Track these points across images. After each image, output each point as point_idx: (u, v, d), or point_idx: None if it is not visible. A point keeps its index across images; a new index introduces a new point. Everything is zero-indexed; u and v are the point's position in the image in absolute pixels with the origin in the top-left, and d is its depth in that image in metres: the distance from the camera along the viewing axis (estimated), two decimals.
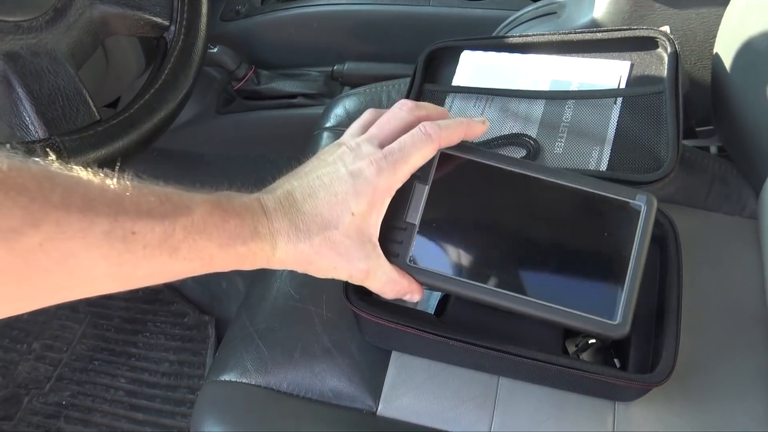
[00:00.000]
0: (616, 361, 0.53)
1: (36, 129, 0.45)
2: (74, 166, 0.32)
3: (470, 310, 0.53)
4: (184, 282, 1.10)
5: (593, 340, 0.53)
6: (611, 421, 0.51)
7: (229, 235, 0.36)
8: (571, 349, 0.53)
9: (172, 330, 1.06)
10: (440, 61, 0.66)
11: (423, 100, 0.62)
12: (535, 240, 0.46)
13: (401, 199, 0.43)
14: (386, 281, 0.43)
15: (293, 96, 0.95)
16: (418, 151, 0.41)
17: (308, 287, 0.59)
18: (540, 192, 0.46)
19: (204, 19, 0.55)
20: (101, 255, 0.30)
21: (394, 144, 0.41)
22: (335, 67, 0.92)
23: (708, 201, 0.63)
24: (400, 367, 0.54)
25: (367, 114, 0.45)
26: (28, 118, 0.45)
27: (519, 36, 0.63)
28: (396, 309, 0.52)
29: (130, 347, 1.04)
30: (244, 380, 0.55)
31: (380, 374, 0.54)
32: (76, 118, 0.47)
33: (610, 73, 0.60)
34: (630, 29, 0.60)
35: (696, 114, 0.67)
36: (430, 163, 0.44)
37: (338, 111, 0.75)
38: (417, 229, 0.44)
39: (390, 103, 0.73)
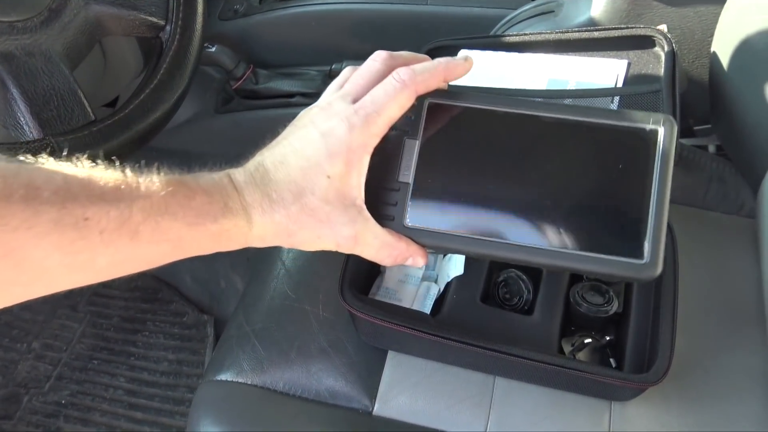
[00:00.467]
0: (612, 360, 0.53)
1: (30, 129, 0.45)
2: (19, 157, 0.30)
3: (466, 309, 0.53)
4: (183, 281, 1.10)
5: (589, 340, 0.53)
6: (607, 420, 0.51)
7: (197, 213, 0.34)
8: (567, 348, 0.53)
9: (171, 329, 1.06)
10: None
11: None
12: (544, 184, 0.40)
13: (392, 157, 0.40)
14: (380, 246, 0.39)
15: (291, 95, 0.95)
16: (393, 100, 0.37)
17: (305, 287, 0.59)
18: (543, 131, 0.41)
19: (200, 19, 0.55)
20: (52, 245, 0.29)
21: (366, 97, 0.38)
22: (333, 67, 0.92)
23: (706, 200, 0.63)
24: (396, 367, 0.54)
25: (345, 72, 0.42)
26: (22, 119, 0.45)
27: (516, 35, 0.63)
28: (392, 309, 0.52)
29: (130, 346, 1.04)
30: (240, 380, 0.55)
31: (376, 374, 0.54)
32: (71, 118, 0.47)
33: (607, 71, 0.60)
34: (627, 28, 0.60)
35: (694, 113, 0.66)
36: (418, 116, 0.41)
37: None
38: (411, 188, 0.40)
39: None
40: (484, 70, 0.63)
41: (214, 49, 0.93)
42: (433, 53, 0.65)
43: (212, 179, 0.36)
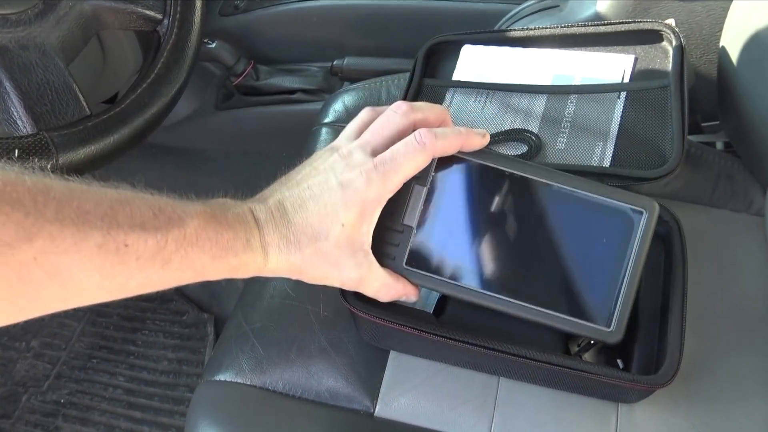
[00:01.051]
0: (619, 361, 0.51)
1: (24, 124, 0.44)
2: (69, 177, 0.32)
3: (470, 309, 0.52)
4: None
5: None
6: (614, 422, 0.50)
7: (222, 248, 0.36)
8: (573, 349, 0.52)
9: (171, 328, 1.05)
10: (440, 56, 0.65)
11: (422, 95, 0.61)
12: (533, 244, 0.46)
13: (398, 200, 0.43)
14: (380, 287, 0.44)
15: (292, 91, 0.94)
16: (411, 161, 0.40)
17: (305, 286, 0.58)
18: (539, 195, 0.46)
19: (198, 13, 0.54)
20: (94, 267, 0.31)
21: (386, 153, 0.40)
22: (335, 62, 0.91)
23: (714, 198, 0.62)
24: (398, 367, 0.53)
25: (364, 114, 0.45)
26: (16, 113, 0.44)
27: (520, 30, 0.62)
28: (394, 308, 0.51)
29: (129, 345, 1.04)
30: (239, 380, 0.54)
31: (378, 374, 0.53)
32: (66, 112, 0.46)
33: (613, 67, 0.59)
34: (634, 22, 0.59)
35: (701, 109, 0.65)
36: (429, 165, 0.43)
37: (337, 107, 0.74)
38: (414, 232, 0.44)
39: (389, 99, 0.72)
40: (489, 65, 0.62)
41: (214, 45, 0.92)
42: (437, 48, 0.64)
43: (237, 214, 0.38)
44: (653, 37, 0.59)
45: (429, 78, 0.63)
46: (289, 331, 0.56)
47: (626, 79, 0.58)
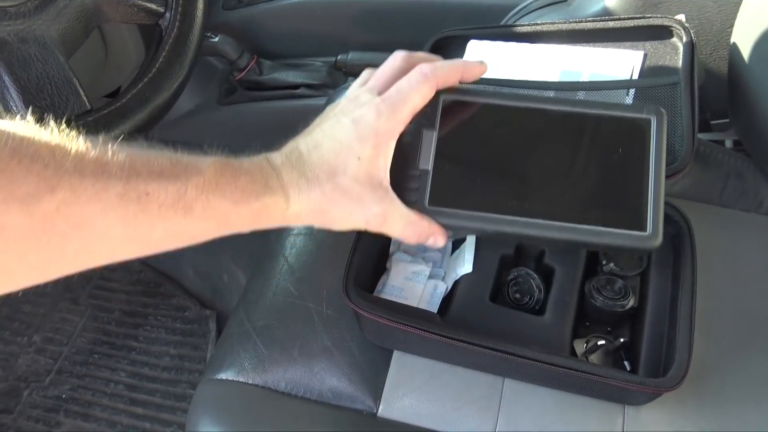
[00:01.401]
0: (626, 363, 0.51)
1: (23, 119, 0.43)
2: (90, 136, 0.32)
3: (475, 309, 0.51)
4: (185, 275, 1.09)
5: (603, 341, 0.51)
6: (621, 424, 0.49)
7: (242, 192, 0.37)
8: (580, 349, 0.51)
9: (173, 324, 1.04)
10: (446, 51, 0.63)
11: None
12: (552, 167, 0.45)
13: (411, 148, 0.44)
14: (405, 224, 0.43)
15: (296, 86, 0.93)
16: (416, 91, 0.41)
17: (308, 284, 0.58)
18: (548, 123, 0.46)
19: (201, 6, 0.53)
20: (117, 218, 0.31)
21: (392, 89, 0.42)
22: (339, 57, 0.90)
23: (723, 197, 0.61)
24: (401, 367, 0.52)
25: (365, 73, 0.46)
26: (15, 108, 0.43)
27: (528, 24, 0.61)
28: (398, 308, 0.50)
29: (131, 341, 1.03)
30: (241, 379, 0.54)
31: (381, 374, 0.52)
32: (66, 107, 0.45)
33: (622, 63, 0.58)
34: (644, 17, 0.57)
35: (711, 106, 0.64)
36: (434, 109, 0.44)
37: None
38: (431, 173, 0.44)
39: None
40: (495, 60, 0.61)
41: (217, 39, 0.91)
42: (442, 43, 0.63)
43: (252, 161, 0.39)
44: (663, 33, 0.58)
45: None
46: (292, 330, 0.55)
47: (635, 76, 0.57)
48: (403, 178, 0.44)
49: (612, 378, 0.45)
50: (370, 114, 0.40)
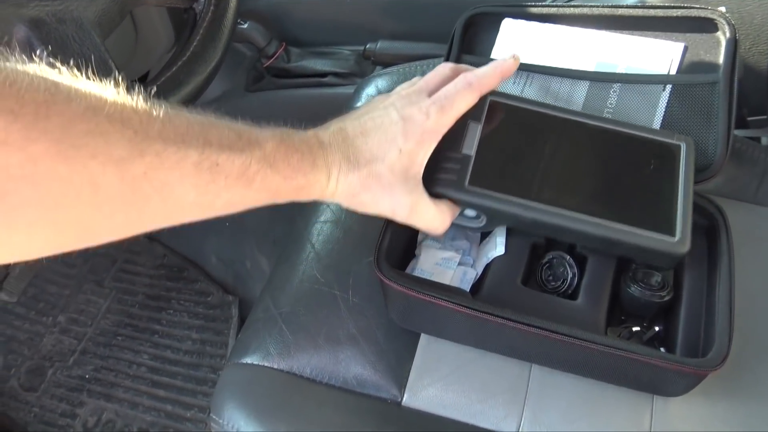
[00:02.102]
0: (662, 350, 0.50)
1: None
2: (165, 103, 0.34)
3: (506, 291, 0.51)
4: (208, 260, 1.09)
5: (637, 328, 0.50)
6: (648, 417, 0.49)
7: (293, 168, 0.39)
8: (613, 338, 0.50)
9: (195, 308, 1.05)
10: (479, 29, 0.61)
11: None
12: (587, 170, 0.48)
13: (455, 136, 0.46)
14: (433, 216, 0.45)
15: (324, 75, 0.93)
16: (462, 98, 0.44)
17: (334, 271, 0.57)
18: (585, 132, 0.49)
19: None
20: (191, 184, 0.33)
21: (440, 92, 0.45)
22: (367, 46, 0.89)
23: (758, 194, 0.60)
24: (427, 357, 0.52)
25: (415, 78, 0.49)
26: None
27: (566, 6, 0.59)
28: (428, 283, 0.49)
29: (154, 324, 1.04)
30: (266, 364, 0.54)
31: (406, 363, 0.52)
32: None
33: (661, 55, 0.56)
34: (687, 8, 0.56)
35: (749, 102, 0.63)
36: (482, 105, 0.48)
37: (370, 91, 0.72)
38: (474, 158, 0.46)
39: None
40: (530, 42, 0.59)
41: (246, 26, 0.91)
42: (475, 20, 0.62)
43: (302, 138, 0.41)
44: (706, 25, 0.56)
45: (467, 54, 0.60)
46: (318, 317, 0.55)
47: (673, 69, 0.56)
48: (444, 160, 0.46)
49: (650, 357, 0.44)
50: (419, 114, 0.43)
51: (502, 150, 0.48)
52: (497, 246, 0.52)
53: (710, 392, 0.49)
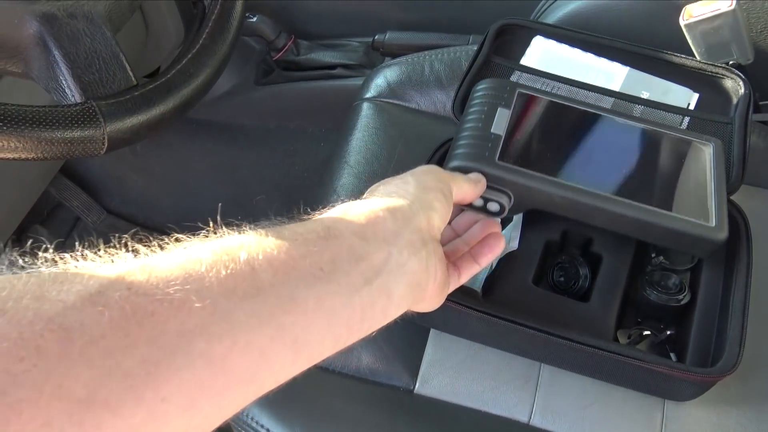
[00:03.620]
0: (672, 355, 0.50)
1: (72, 93, 0.44)
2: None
3: (518, 290, 0.51)
4: None
5: (648, 332, 0.50)
6: (661, 411, 0.49)
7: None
8: (623, 340, 0.50)
9: None
10: (509, 37, 0.63)
11: (489, 71, 0.60)
12: (619, 160, 0.48)
13: (487, 118, 0.47)
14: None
15: (333, 67, 0.93)
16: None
17: None
18: (616, 126, 0.49)
19: None
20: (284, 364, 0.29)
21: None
22: (376, 37, 0.89)
23: None
24: (439, 346, 0.52)
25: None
26: (64, 82, 0.44)
27: (596, 36, 0.61)
28: None
29: None
30: None
31: (418, 352, 0.52)
32: (113, 82, 0.46)
33: (679, 97, 0.59)
34: (706, 63, 0.60)
35: (761, 86, 0.62)
36: (511, 95, 0.49)
37: (379, 81, 0.72)
38: (503, 138, 0.46)
39: (432, 74, 0.70)
40: (557, 60, 0.61)
41: (255, 19, 0.91)
42: (507, 29, 0.63)
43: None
44: (723, 78, 0.60)
45: (497, 56, 0.61)
46: None
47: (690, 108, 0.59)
48: (475, 138, 0.46)
49: (657, 364, 0.45)
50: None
51: (532, 134, 0.48)
52: (511, 241, 0.52)
53: (723, 396, 0.48)
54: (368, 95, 0.72)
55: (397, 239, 0.33)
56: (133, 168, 1.11)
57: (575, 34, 0.62)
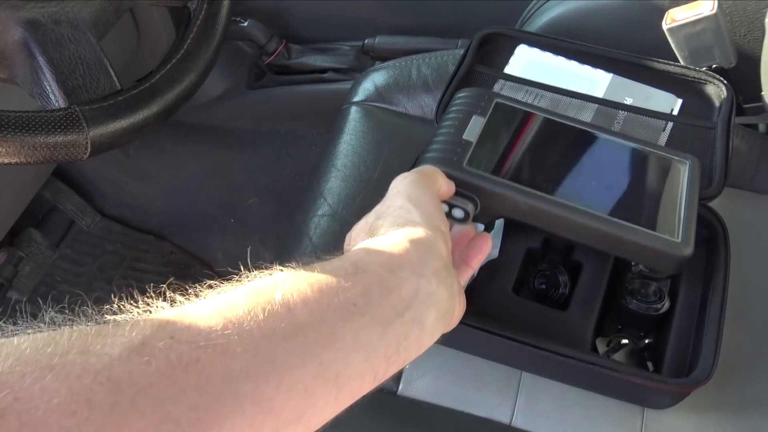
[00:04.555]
0: (649, 364, 0.50)
1: (56, 98, 0.44)
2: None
3: (497, 299, 0.51)
4: (214, 257, 1.11)
5: (626, 341, 0.50)
6: (640, 415, 0.49)
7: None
8: (602, 348, 0.51)
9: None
10: (493, 46, 0.64)
11: (473, 80, 0.60)
12: (591, 173, 0.48)
13: (460, 126, 0.48)
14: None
15: (324, 71, 0.94)
16: None
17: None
18: (591, 140, 0.49)
19: None
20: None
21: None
22: (366, 41, 0.90)
23: (754, 182, 0.60)
24: None
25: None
26: (48, 87, 0.45)
27: (579, 44, 0.62)
28: None
29: None
30: None
31: None
32: (97, 87, 0.46)
33: (662, 103, 0.59)
34: (689, 69, 0.60)
35: (744, 90, 0.63)
36: (488, 104, 0.49)
37: (367, 85, 0.73)
38: (474, 145, 0.46)
39: (419, 78, 0.71)
40: (541, 69, 0.61)
41: (246, 24, 0.92)
42: (490, 37, 0.63)
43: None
44: (706, 84, 0.60)
45: (481, 65, 0.61)
46: None
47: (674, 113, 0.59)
48: (447, 144, 0.46)
49: (634, 375, 0.45)
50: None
51: (504, 143, 0.48)
52: (492, 249, 0.52)
53: (703, 401, 0.48)
54: (356, 99, 0.72)
55: (424, 270, 0.33)
56: (126, 171, 1.12)
57: (559, 42, 0.62)
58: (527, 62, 0.62)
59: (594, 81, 0.60)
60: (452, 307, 0.35)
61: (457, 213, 0.44)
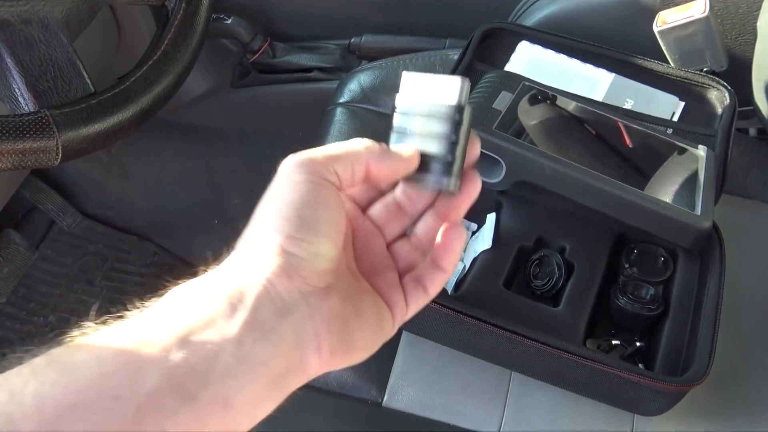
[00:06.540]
0: (641, 366, 0.49)
1: (26, 101, 0.43)
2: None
3: (487, 293, 0.50)
4: (198, 258, 1.09)
5: (617, 342, 0.49)
6: (630, 423, 0.48)
7: None
8: (593, 348, 0.50)
9: None
10: (494, 41, 0.62)
11: (472, 78, 0.59)
12: (614, 152, 0.51)
13: (489, 98, 0.51)
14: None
15: (309, 70, 0.92)
16: None
17: None
18: (613, 123, 0.52)
19: None
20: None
21: None
22: (352, 40, 0.88)
23: (745, 186, 0.59)
24: (408, 357, 0.52)
25: None
26: (17, 90, 0.43)
27: (581, 42, 0.61)
28: None
29: None
30: None
31: (387, 364, 0.52)
32: (69, 90, 0.44)
33: (664, 105, 0.58)
34: (692, 72, 0.59)
35: (735, 93, 0.62)
36: (517, 82, 0.53)
37: (352, 86, 0.71)
38: (503, 113, 0.50)
39: None
40: (543, 66, 0.60)
41: (230, 21, 0.90)
42: (491, 33, 0.62)
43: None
44: (709, 88, 0.59)
45: (480, 62, 0.60)
46: None
47: (675, 119, 0.58)
48: (476, 110, 0.48)
49: (624, 371, 0.44)
50: None
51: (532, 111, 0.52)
52: (485, 240, 0.51)
53: (692, 409, 0.48)
54: (342, 100, 0.71)
55: (228, 327, 0.25)
56: (109, 171, 1.10)
57: (561, 39, 0.61)
58: (528, 60, 0.60)
59: (596, 81, 0.59)
60: (296, 363, 0.26)
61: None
